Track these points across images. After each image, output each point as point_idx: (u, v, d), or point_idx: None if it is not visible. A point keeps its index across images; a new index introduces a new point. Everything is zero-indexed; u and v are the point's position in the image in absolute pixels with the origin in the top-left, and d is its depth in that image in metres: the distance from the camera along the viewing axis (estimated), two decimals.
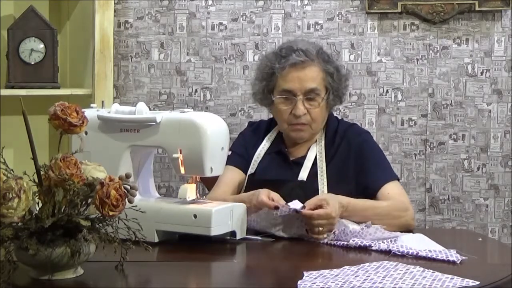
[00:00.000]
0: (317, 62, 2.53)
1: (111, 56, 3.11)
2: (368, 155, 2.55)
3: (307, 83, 2.51)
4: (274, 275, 1.95)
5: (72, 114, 1.78)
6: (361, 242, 2.12)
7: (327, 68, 2.54)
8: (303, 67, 2.51)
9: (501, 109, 3.28)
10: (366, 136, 2.65)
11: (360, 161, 2.53)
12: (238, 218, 2.18)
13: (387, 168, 2.59)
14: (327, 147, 2.57)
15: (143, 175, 2.28)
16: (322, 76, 2.54)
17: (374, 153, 2.60)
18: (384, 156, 2.65)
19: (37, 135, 1.84)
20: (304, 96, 2.51)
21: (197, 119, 2.16)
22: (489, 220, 3.31)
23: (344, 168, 2.52)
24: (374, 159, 2.56)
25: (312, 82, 2.51)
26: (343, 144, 2.57)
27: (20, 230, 1.70)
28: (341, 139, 2.58)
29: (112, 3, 3.11)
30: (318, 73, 2.53)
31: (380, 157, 2.62)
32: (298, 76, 2.51)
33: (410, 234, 2.24)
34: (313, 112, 2.52)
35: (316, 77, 2.52)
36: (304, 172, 2.51)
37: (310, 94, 2.51)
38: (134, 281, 1.84)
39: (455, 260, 1.95)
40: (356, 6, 3.27)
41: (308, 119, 2.52)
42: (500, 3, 3.21)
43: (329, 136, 2.59)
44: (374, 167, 2.52)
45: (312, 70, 2.52)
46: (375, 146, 2.65)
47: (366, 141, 2.61)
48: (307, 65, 2.51)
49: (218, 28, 3.30)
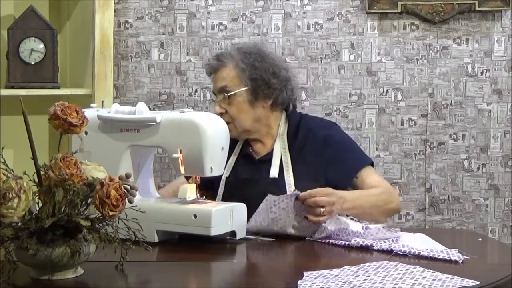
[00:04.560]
0: (231, 61, 2.61)
1: (111, 56, 3.11)
2: (339, 146, 2.60)
3: (218, 83, 2.62)
4: (274, 275, 1.95)
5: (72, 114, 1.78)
6: (362, 242, 2.12)
7: (239, 66, 2.60)
8: (216, 70, 2.64)
9: (501, 109, 3.28)
10: (333, 128, 2.68)
11: (329, 153, 2.57)
12: (238, 218, 2.18)
13: (361, 154, 2.65)
14: (291, 142, 2.61)
15: (143, 175, 2.28)
16: (235, 73, 2.60)
17: (345, 143, 2.64)
18: (354, 143, 2.70)
19: (37, 135, 1.83)
20: (221, 95, 2.60)
21: (197, 119, 2.16)
22: (489, 220, 3.31)
23: (313, 163, 2.56)
24: (346, 148, 2.61)
25: (221, 82, 2.61)
26: (309, 138, 2.61)
27: (20, 230, 1.70)
28: (306, 134, 2.62)
29: (112, 3, 3.11)
30: (229, 72, 2.60)
31: (352, 145, 2.66)
32: (214, 80, 2.66)
33: (411, 234, 2.24)
34: (230, 110, 2.58)
35: (227, 76, 2.60)
36: (274, 169, 2.56)
37: (222, 92, 2.60)
38: (134, 281, 1.84)
39: (457, 259, 1.95)
40: (356, 6, 3.27)
41: (228, 117, 2.56)
42: (500, 3, 3.21)
43: (291, 132, 2.63)
44: (347, 156, 2.58)
45: (224, 71, 2.62)
46: (344, 135, 2.69)
47: (332, 133, 2.64)
48: (218, 67, 2.63)
49: (218, 28, 3.30)
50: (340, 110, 3.29)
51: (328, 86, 3.29)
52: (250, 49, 2.66)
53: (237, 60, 2.60)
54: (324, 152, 2.57)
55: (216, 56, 2.66)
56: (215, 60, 2.64)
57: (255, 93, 2.59)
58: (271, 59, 2.66)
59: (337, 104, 3.30)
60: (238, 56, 2.61)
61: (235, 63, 2.60)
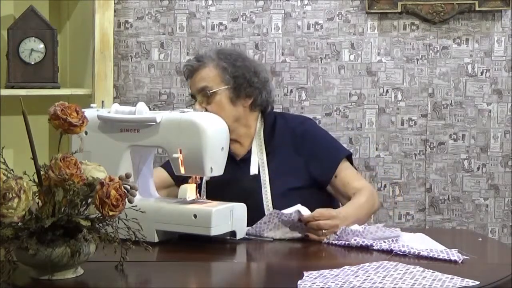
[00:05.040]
0: (211, 62, 2.63)
1: (111, 56, 3.10)
2: (316, 140, 2.64)
3: (198, 84, 2.63)
4: (274, 275, 1.95)
5: (72, 114, 1.78)
6: (362, 241, 2.12)
7: (220, 65, 2.62)
8: (195, 70, 2.64)
9: (501, 109, 3.28)
10: (309, 122, 2.73)
11: (309, 147, 2.61)
12: (238, 218, 2.18)
13: (339, 146, 2.70)
14: (268, 140, 2.64)
15: (143, 175, 2.28)
16: (215, 73, 2.62)
17: (322, 137, 2.68)
18: (331, 136, 2.74)
19: (37, 135, 1.83)
20: (201, 95, 2.61)
21: (197, 119, 2.16)
22: (489, 220, 3.31)
23: (291, 159, 2.60)
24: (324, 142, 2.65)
25: (201, 82, 2.62)
26: (287, 135, 2.64)
27: (20, 230, 1.70)
28: (283, 131, 2.65)
29: (112, 3, 3.11)
30: (209, 72, 2.62)
31: (328, 138, 2.70)
32: (192, 81, 2.66)
33: (411, 234, 2.24)
34: (209, 108, 2.58)
35: (207, 76, 2.62)
36: (254, 166, 2.59)
37: (202, 93, 2.60)
38: (134, 281, 1.85)
39: (457, 259, 1.95)
40: (356, 6, 3.27)
41: None
42: (500, 3, 3.21)
43: (267, 131, 2.66)
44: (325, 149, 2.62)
45: (203, 71, 2.63)
46: (320, 129, 2.75)
47: (310, 127, 2.69)
48: (198, 68, 2.64)
49: (218, 28, 3.30)
50: (340, 110, 3.29)
51: (328, 86, 3.29)
52: (229, 51, 2.74)
53: (217, 60, 2.63)
54: (303, 146, 2.61)
55: (195, 58, 2.69)
56: (194, 61, 2.66)
57: (236, 91, 2.62)
58: (251, 60, 2.74)
59: (337, 104, 3.30)
60: (218, 57, 2.64)
61: (215, 63, 2.63)
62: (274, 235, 2.23)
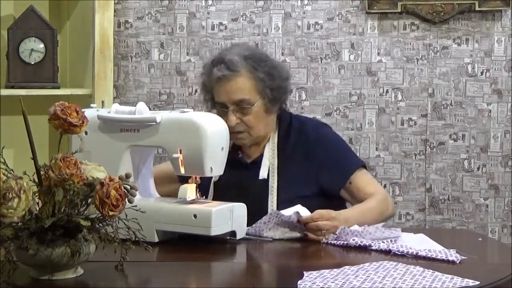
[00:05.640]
0: (244, 71, 2.49)
1: (111, 56, 3.11)
2: (330, 147, 2.55)
3: (234, 95, 2.48)
4: (274, 275, 1.95)
5: (72, 114, 1.78)
6: (361, 241, 2.12)
7: (256, 76, 2.50)
8: (228, 80, 2.48)
9: (501, 109, 3.28)
10: (324, 129, 2.64)
11: (322, 154, 2.52)
12: (238, 218, 2.18)
13: (353, 156, 2.61)
14: (281, 144, 2.56)
15: (143, 175, 2.28)
16: (252, 84, 2.50)
17: (337, 144, 2.60)
18: (346, 145, 2.67)
19: (37, 135, 1.83)
20: (236, 106, 2.49)
21: (197, 119, 2.16)
22: (489, 220, 3.31)
23: (304, 166, 2.52)
24: (338, 150, 2.57)
25: (239, 94, 2.48)
26: (301, 139, 2.56)
27: (20, 230, 1.70)
28: (297, 135, 2.57)
29: (112, 3, 3.11)
30: (245, 83, 2.49)
31: (343, 147, 2.62)
32: (225, 90, 2.49)
33: (411, 234, 2.24)
34: (247, 120, 2.50)
35: (243, 87, 2.49)
36: (264, 170, 2.52)
37: (240, 104, 2.49)
38: (134, 281, 1.84)
39: (455, 260, 1.95)
40: (356, 6, 3.27)
41: (243, 127, 2.50)
42: (500, 3, 3.21)
43: (282, 134, 2.58)
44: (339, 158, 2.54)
45: (238, 81, 2.49)
46: (335, 137, 2.64)
47: (325, 134, 2.60)
48: (231, 78, 2.48)
49: (218, 28, 3.30)
50: (340, 110, 3.29)
51: (328, 86, 3.29)
52: (258, 56, 2.56)
53: (250, 68, 2.50)
54: (315, 153, 2.52)
55: (225, 66, 2.50)
56: (226, 70, 2.49)
57: (273, 102, 2.53)
58: (278, 64, 2.62)
59: (337, 104, 3.30)
60: (249, 64, 2.51)
61: (249, 73, 2.49)
62: (273, 234, 2.22)
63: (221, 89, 2.50)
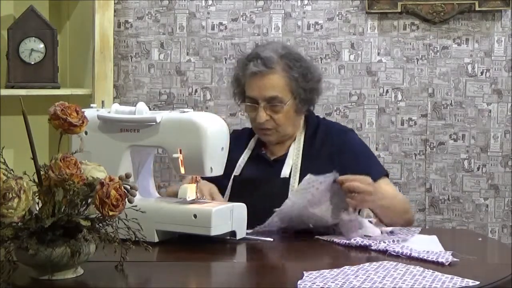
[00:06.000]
0: (279, 69, 2.51)
1: (111, 56, 3.11)
2: (355, 153, 2.55)
3: (267, 91, 2.51)
4: (274, 275, 1.95)
5: (72, 114, 1.78)
6: (361, 241, 2.12)
7: (290, 75, 2.52)
8: (263, 75, 2.50)
9: (501, 109, 3.28)
10: (350, 134, 2.64)
11: (346, 159, 2.52)
12: (238, 218, 2.18)
13: (377, 164, 2.61)
14: (307, 145, 2.57)
15: (143, 175, 2.28)
16: (285, 82, 2.52)
17: (361, 151, 2.60)
18: (371, 152, 2.67)
19: (37, 135, 1.83)
20: (267, 103, 2.51)
21: (197, 119, 2.16)
22: (489, 220, 3.31)
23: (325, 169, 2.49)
24: (362, 157, 2.57)
25: (272, 91, 2.50)
26: (326, 143, 2.57)
27: (20, 230, 1.70)
28: (323, 138, 2.58)
29: (112, 3, 3.11)
30: (279, 81, 2.51)
31: (368, 154, 2.62)
32: (258, 85, 2.51)
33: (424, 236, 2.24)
34: (277, 118, 2.52)
35: (277, 85, 2.51)
36: (286, 170, 2.52)
37: (272, 101, 2.51)
38: (134, 281, 1.84)
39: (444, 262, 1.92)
40: (356, 6, 3.27)
41: (272, 124, 2.52)
42: (500, 3, 3.21)
43: (308, 135, 2.59)
44: (363, 165, 2.51)
45: (272, 78, 2.51)
46: (361, 143, 2.65)
47: (350, 139, 2.61)
48: (266, 74, 2.50)
49: (218, 28, 3.31)
50: (340, 110, 3.29)
51: (328, 86, 3.29)
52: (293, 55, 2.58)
53: (285, 67, 2.52)
54: (339, 158, 2.52)
55: (261, 61, 2.51)
56: (262, 66, 2.50)
57: (303, 102, 2.55)
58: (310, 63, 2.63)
59: (337, 104, 3.31)
60: (285, 63, 2.53)
61: (285, 72, 2.51)
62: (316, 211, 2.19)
63: (254, 84, 2.52)
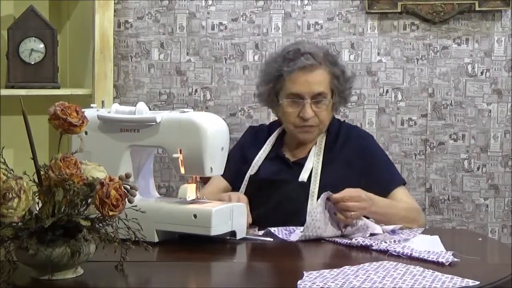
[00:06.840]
0: (324, 65, 2.54)
1: (111, 56, 3.11)
2: (374, 159, 2.56)
3: (315, 86, 2.52)
4: (274, 275, 1.95)
5: (72, 114, 1.78)
6: (362, 241, 2.12)
7: (334, 71, 2.56)
8: (311, 70, 2.52)
9: (501, 109, 3.28)
10: (370, 139, 2.65)
11: (365, 164, 2.53)
12: (238, 218, 2.18)
13: (395, 172, 2.61)
14: (328, 149, 2.57)
15: (143, 175, 2.28)
16: (329, 79, 2.55)
17: (380, 157, 2.61)
18: (389, 160, 2.67)
19: (37, 135, 1.83)
20: (312, 99, 2.52)
21: (197, 119, 2.16)
22: (489, 220, 3.31)
23: (344, 173, 2.50)
24: (381, 163, 2.57)
25: (319, 86, 2.53)
26: (346, 147, 2.57)
27: (20, 230, 1.70)
28: (343, 142, 2.58)
29: (112, 3, 3.11)
30: (325, 77, 2.54)
31: (387, 161, 2.63)
32: (307, 80, 2.52)
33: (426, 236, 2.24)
34: (321, 114, 2.53)
35: (323, 80, 2.54)
36: (305, 173, 2.51)
37: (318, 97, 2.52)
38: (134, 281, 1.84)
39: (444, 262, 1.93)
40: (356, 6, 3.27)
41: (316, 121, 2.53)
42: (500, 3, 3.21)
43: (330, 138, 2.60)
44: (381, 171, 2.53)
45: (320, 74, 2.53)
46: (380, 149, 2.66)
47: (370, 144, 2.62)
48: (314, 69, 2.52)
49: (218, 28, 3.30)
50: (340, 110, 3.29)
51: None
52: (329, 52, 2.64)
53: (328, 63, 2.56)
54: (358, 163, 2.53)
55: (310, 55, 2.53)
56: (312, 59, 2.52)
57: (340, 101, 2.60)
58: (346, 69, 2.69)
59: None
60: (328, 60, 2.56)
61: (328, 68, 2.55)
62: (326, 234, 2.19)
63: (301, 79, 2.52)
